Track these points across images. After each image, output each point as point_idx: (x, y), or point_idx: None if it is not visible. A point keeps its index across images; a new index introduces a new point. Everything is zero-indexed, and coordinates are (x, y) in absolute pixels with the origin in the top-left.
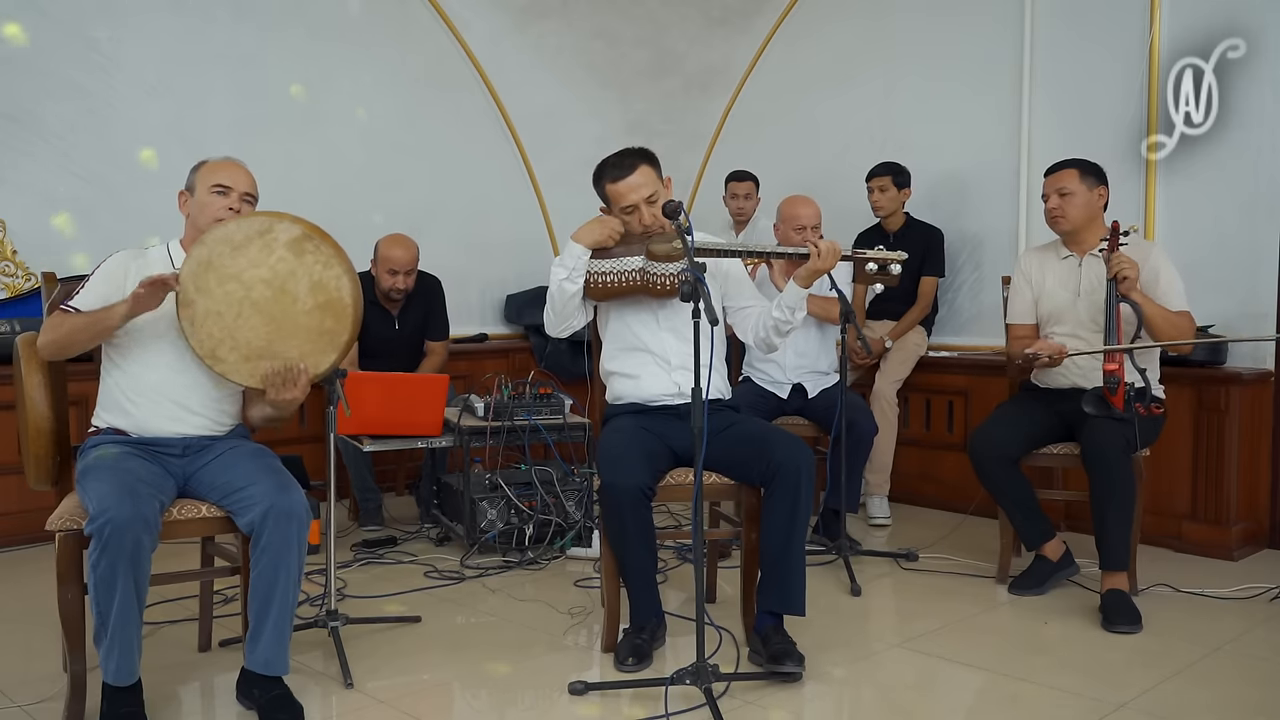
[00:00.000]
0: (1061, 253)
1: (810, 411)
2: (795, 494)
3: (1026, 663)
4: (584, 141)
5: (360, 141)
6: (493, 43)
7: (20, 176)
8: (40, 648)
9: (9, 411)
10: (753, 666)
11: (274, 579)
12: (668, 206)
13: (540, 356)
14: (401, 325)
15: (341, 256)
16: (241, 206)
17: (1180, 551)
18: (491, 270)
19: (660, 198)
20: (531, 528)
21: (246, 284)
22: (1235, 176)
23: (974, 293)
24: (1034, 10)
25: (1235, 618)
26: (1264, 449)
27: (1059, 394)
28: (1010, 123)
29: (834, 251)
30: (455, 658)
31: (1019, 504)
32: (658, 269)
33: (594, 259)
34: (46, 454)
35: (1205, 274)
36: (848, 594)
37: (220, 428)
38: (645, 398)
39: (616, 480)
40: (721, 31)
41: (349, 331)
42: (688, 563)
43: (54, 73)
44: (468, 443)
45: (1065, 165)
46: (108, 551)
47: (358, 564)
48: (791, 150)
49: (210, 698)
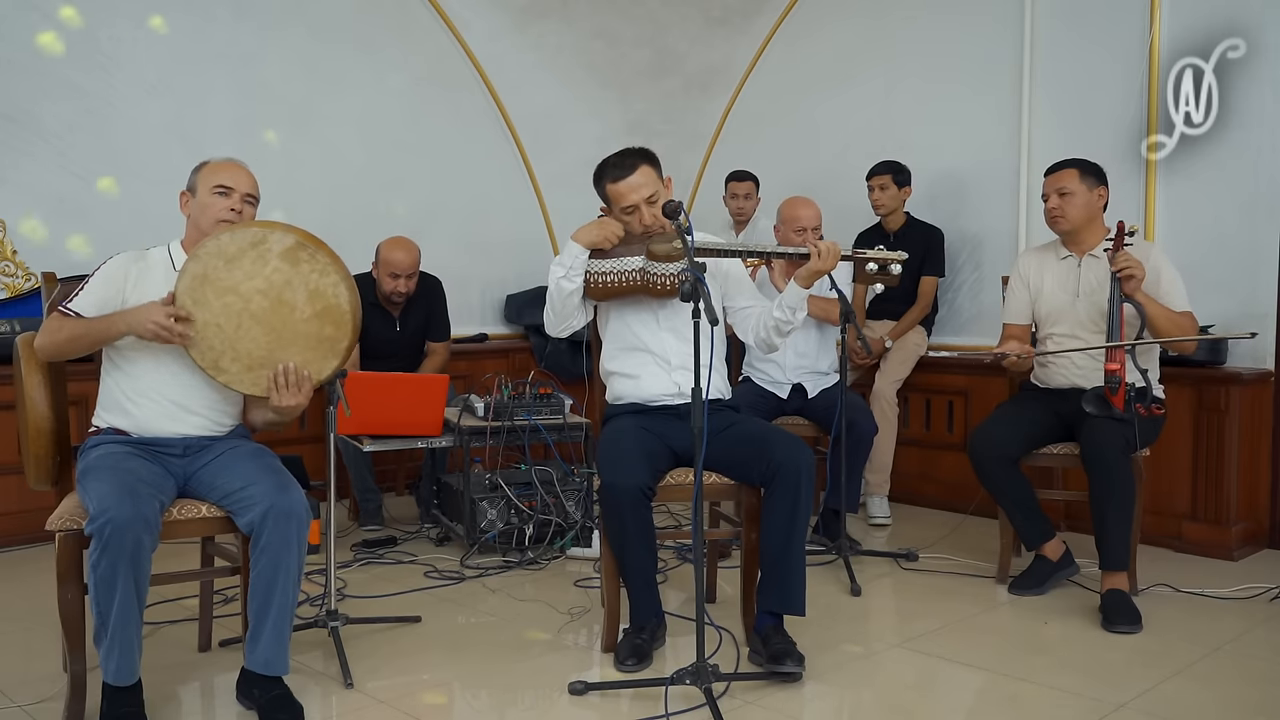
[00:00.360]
0: (1061, 253)
1: (810, 411)
2: (795, 494)
3: (1026, 663)
4: (584, 141)
5: (360, 141)
6: (493, 43)
7: (20, 176)
8: (40, 648)
9: (9, 411)
10: (753, 666)
11: (274, 579)
12: (668, 206)
13: (540, 356)
14: (403, 326)
15: (338, 264)
16: (243, 208)
17: (1180, 551)
18: (491, 270)
19: (661, 198)
20: (531, 528)
21: (244, 296)
22: (1235, 176)
23: (974, 293)
24: (1034, 10)
25: (1235, 618)
26: (1264, 449)
27: (1059, 394)
28: (1010, 123)
29: (834, 252)
30: (455, 658)
31: (1019, 504)
32: (658, 269)
33: (594, 259)
34: (46, 454)
35: (1205, 274)
36: (848, 594)
37: (220, 428)
38: (645, 398)
39: (616, 480)
40: (721, 31)
41: (349, 338)
42: (688, 563)
43: (54, 73)
44: (468, 443)
45: (1065, 165)
46: (108, 551)
47: (358, 564)
48: (791, 150)
49: (210, 698)
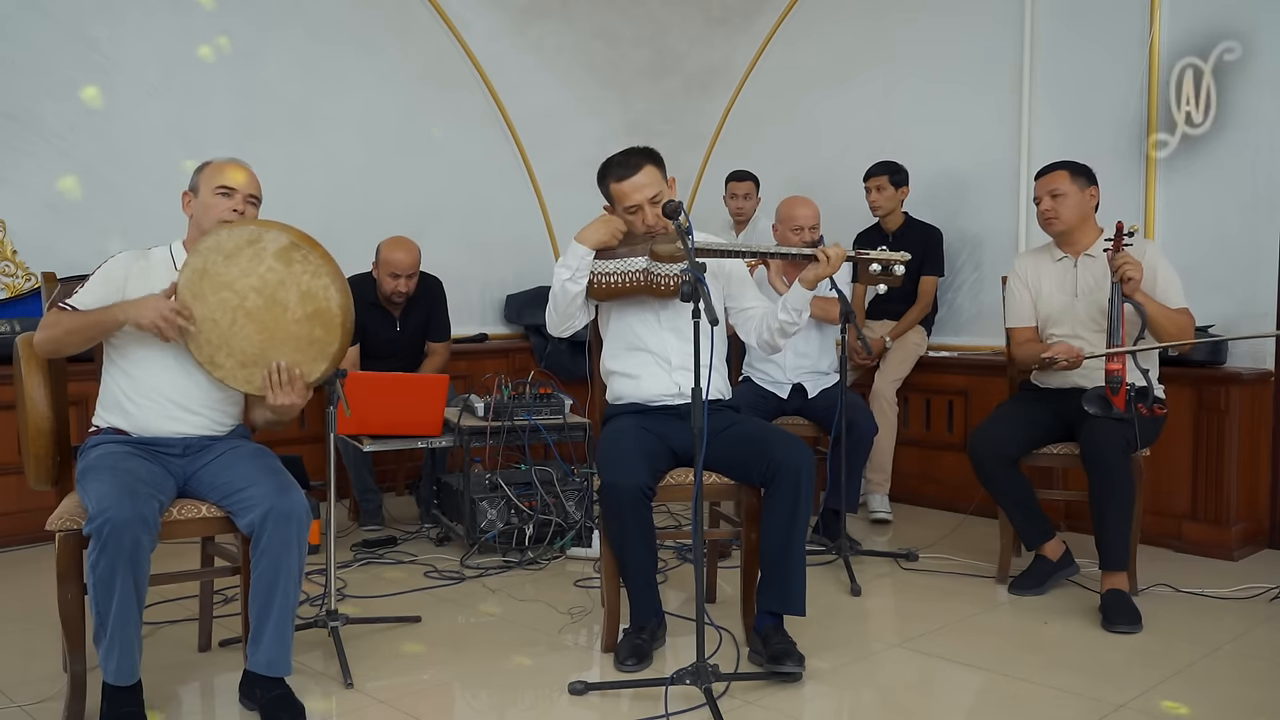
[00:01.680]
0: (1055, 255)
1: (810, 411)
2: (796, 494)
3: (1026, 663)
4: (584, 141)
5: (360, 141)
6: (493, 42)
7: (20, 176)
8: (40, 648)
9: (9, 411)
10: (753, 666)
11: (274, 580)
12: (668, 206)
13: (540, 356)
14: (403, 327)
15: (331, 265)
16: (245, 208)
17: (1180, 551)
18: (491, 270)
19: (664, 198)
20: (531, 528)
21: (240, 292)
22: (1235, 176)
23: (974, 293)
24: (1034, 10)
25: (1235, 618)
26: (1264, 449)
27: (1059, 394)
28: (1010, 123)
29: (840, 256)
30: (455, 658)
31: (1019, 504)
32: (662, 269)
33: (598, 259)
34: (46, 454)
35: (1205, 274)
36: (848, 594)
37: (220, 428)
38: (645, 398)
39: (616, 480)
40: (721, 31)
41: (338, 341)
42: (688, 563)
43: (54, 73)
44: (468, 443)
45: (1055, 167)
46: (106, 551)
47: (358, 564)
48: (791, 150)
49: (210, 698)
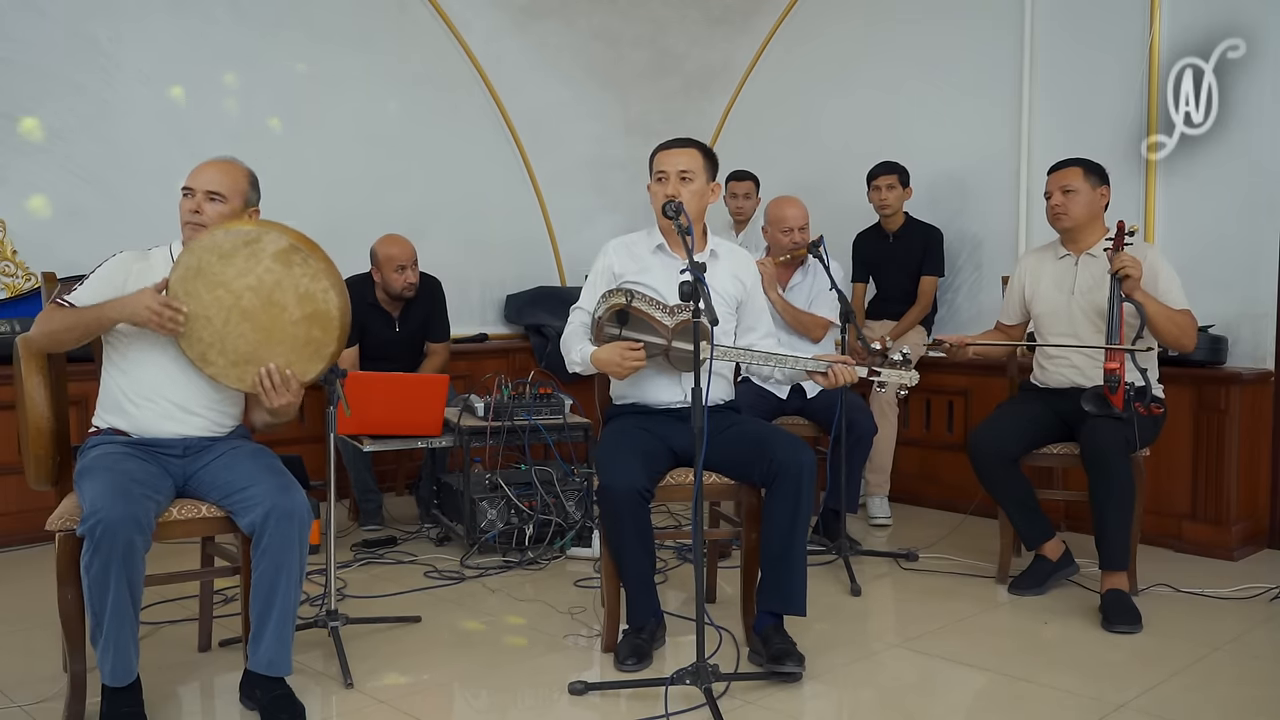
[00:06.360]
0: (1059, 252)
1: (810, 411)
2: (796, 494)
3: (1026, 663)
4: (584, 141)
5: (360, 141)
6: (493, 43)
7: (20, 176)
8: (40, 648)
9: (9, 411)
10: (753, 666)
11: (275, 580)
12: (668, 207)
13: (540, 356)
14: (402, 327)
15: (331, 269)
16: (203, 206)
17: (1180, 551)
18: (491, 270)
19: (697, 181)
20: (531, 528)
21: (235, 292)
22: (1235, 176)
23: (974, 293)
24: (1034, 11)
25: (1235, 618)
26: (1264, 449)
27: (1059, 394)
28: (1010, 123)
29: (849, 380)
30: (455, 658)
31: (1019, 504)
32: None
33: (625, 330)
34: (46, 454)
35: (1205, 274)
36: (848, 594)
37: (220, 429)
38: (650, 401)
39: (614, 482)
40: (721, 31)
41: (335, 343)
42: (688, 563)
43: (54, 73)
44: (468, 443)
45: (1070, 163)
46: (99, 552)
47: (358, 564)
48: (792, 150)
49: (210, 698)
